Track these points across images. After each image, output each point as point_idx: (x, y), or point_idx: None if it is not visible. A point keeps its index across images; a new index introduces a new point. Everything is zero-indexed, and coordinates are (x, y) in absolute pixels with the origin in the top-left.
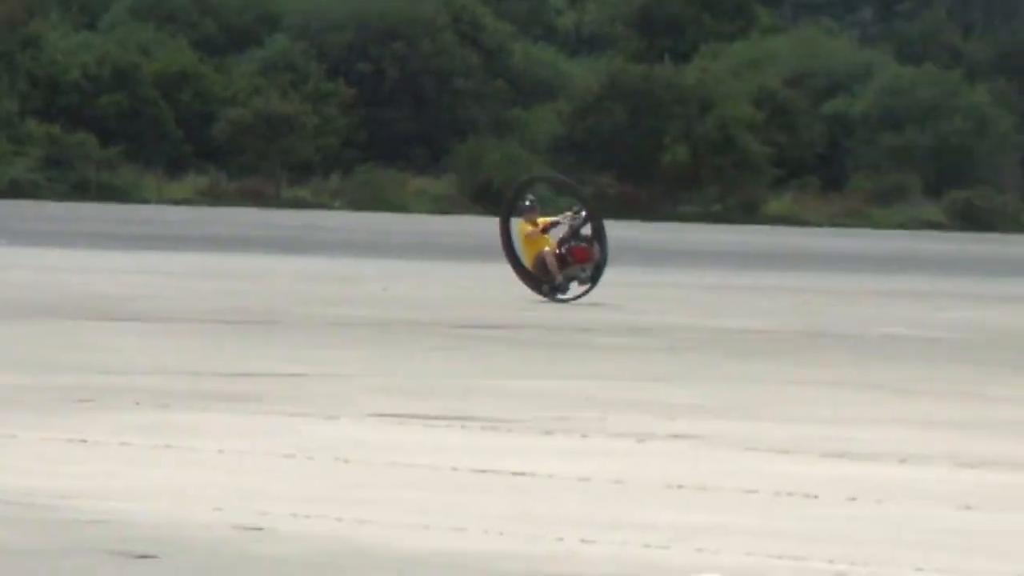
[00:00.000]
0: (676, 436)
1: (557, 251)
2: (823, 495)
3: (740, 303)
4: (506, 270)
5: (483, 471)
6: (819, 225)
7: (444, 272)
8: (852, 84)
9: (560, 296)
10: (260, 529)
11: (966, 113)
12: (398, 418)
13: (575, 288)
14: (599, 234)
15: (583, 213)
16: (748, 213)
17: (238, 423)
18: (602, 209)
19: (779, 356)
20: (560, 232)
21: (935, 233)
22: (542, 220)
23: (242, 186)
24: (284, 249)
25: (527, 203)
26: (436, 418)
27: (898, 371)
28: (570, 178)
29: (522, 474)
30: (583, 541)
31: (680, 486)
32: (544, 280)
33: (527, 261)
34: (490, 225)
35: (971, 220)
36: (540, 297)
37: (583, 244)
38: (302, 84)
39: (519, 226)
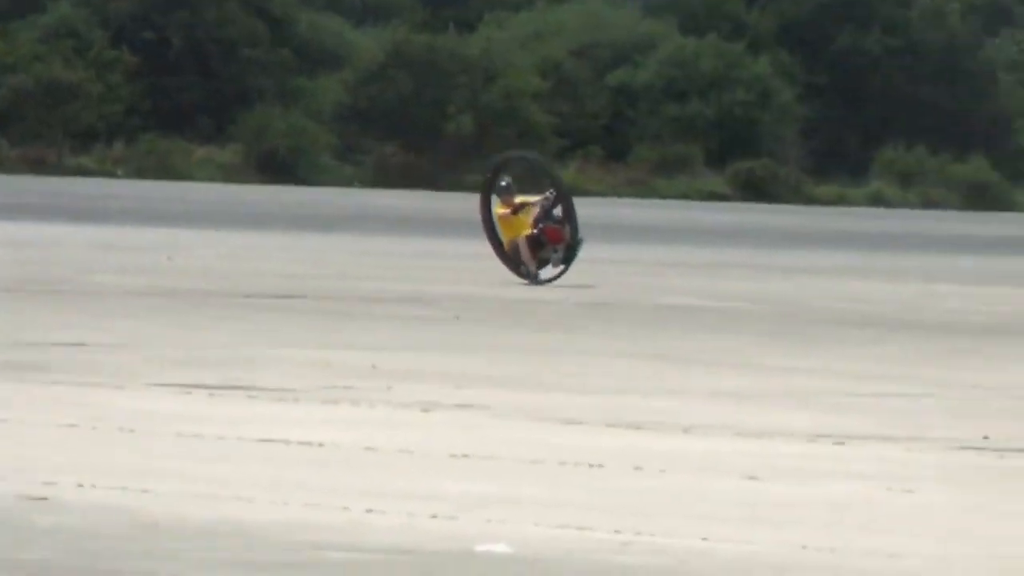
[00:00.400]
0: (462, 406)
1: (532, 231)
2: (608, 465)
3: None
4: (301, 240)
5: (269, 440)
6: (602, 195)
7: (229, 241)
8: (635, 55)
9: (539, 280)
10: (45, 499)
11: (748, 85)
12: (183, 388)
13: (549, 270)
14: (569, 215)
15: (553, 194)
16: None
17: (22, 392)
18: (387, 178)
19: (564, 326)
20: (533, 213)
21: (718, 204)
22: (518, 200)
23: (23, 153)
24: (67, 217)
25: (503, 184)
26: (221, 388)
27: (681, 341)
28: (545, 158)
29: (308, 444)
30: (369, 511)
31: (466, 456)
32: (519, 264)
33: (504, 243)
34: (274, 194)
35: (754, 191)
36: (520, 279)
37: (555, 225)
38: (85, 51)
39: (496, 207)
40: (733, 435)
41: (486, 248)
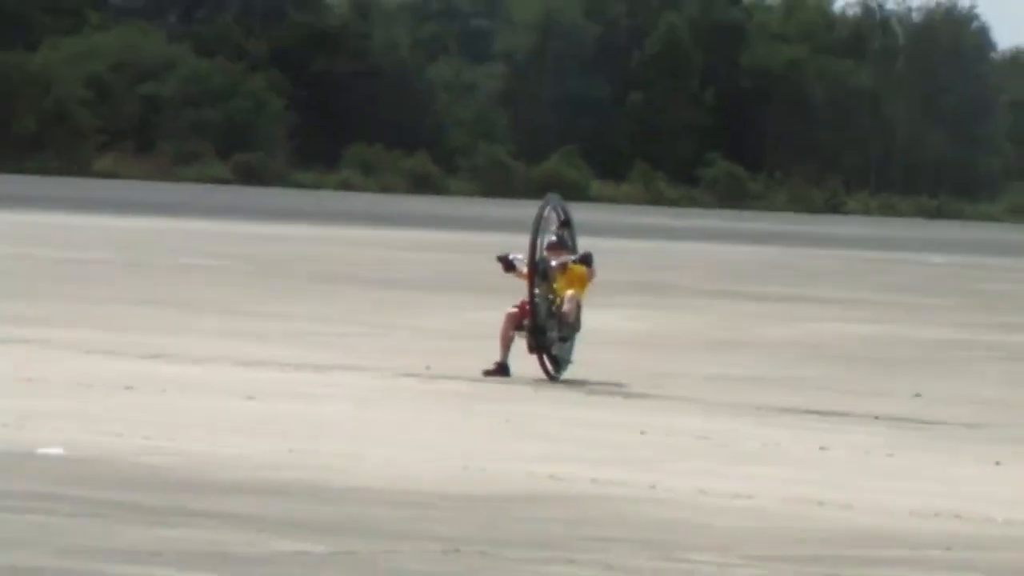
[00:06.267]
0: (26, 341)
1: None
2: (139, 387)
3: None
4: None
5: None
6: (137, 179)
7: None
8: (161, 72)
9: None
10: None
11: (247, 95)
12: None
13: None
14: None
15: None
16: (82, 169)
17: None
18: None
19: (108, 281)
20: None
21: (223, 187)
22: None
23: None
24: None
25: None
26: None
27: (197, 292)
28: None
29: None
30: None
31: (29, 380)
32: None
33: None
34: None
35: (252, 177)
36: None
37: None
38: None
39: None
40: (232, 364)
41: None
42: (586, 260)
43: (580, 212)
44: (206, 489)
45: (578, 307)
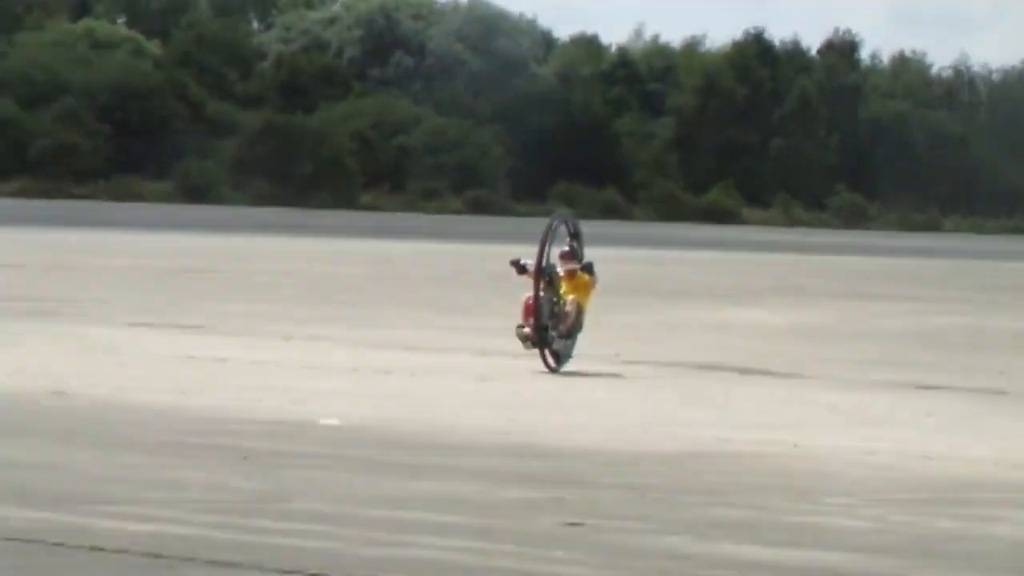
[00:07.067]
0: (311, 337)
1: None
2: (397, 371)
3: None
4: None
5: (193, 357)
6: (391, 211)
7: None
8: (409, 127)
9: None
10: (59, 392)
11: (476, 145)
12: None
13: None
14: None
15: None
16: (349, 204)
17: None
18: None
19: (369, 289)
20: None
21: (458, 216)
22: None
23: None
24: None
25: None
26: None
27: None
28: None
29: (219, 359)
30: (258, 400)
31: (314, 367)
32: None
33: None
34: None
35: (479, 208)
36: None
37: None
38: None
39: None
40: (469, 354)
41: None
42: (588, 269)
43: (734, 232)
44: (448, 450)
45: (579, 310)
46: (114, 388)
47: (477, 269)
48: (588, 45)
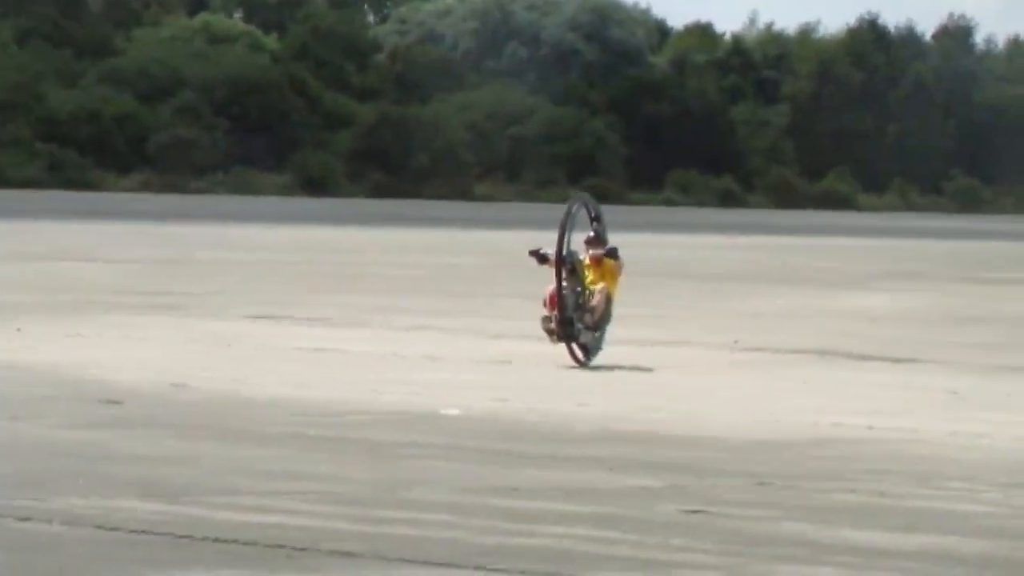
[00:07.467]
0: (424, 327)
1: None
2: (516, 362)
3: None
4: None
5: (318, 349)
6: (506, 201)
7: None
8: (524, 118)
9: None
10: (180, 385)
11: (591, 134)
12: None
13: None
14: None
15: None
16: (464, 195)
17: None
18: None
19: (488, 281)
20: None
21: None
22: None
23: None
24: None
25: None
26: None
27: None
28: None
29: (342, 351)
30: (374, 391)
31: (432, 358)
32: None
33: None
34: None
35: (595, 198)
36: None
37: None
38: None
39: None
40: None
41: None
42: (612, 254)
43: (850, 218)
44: (571, 439)
45: (608, 300)
46: (234, 380)
47: None
48: (702, 33)
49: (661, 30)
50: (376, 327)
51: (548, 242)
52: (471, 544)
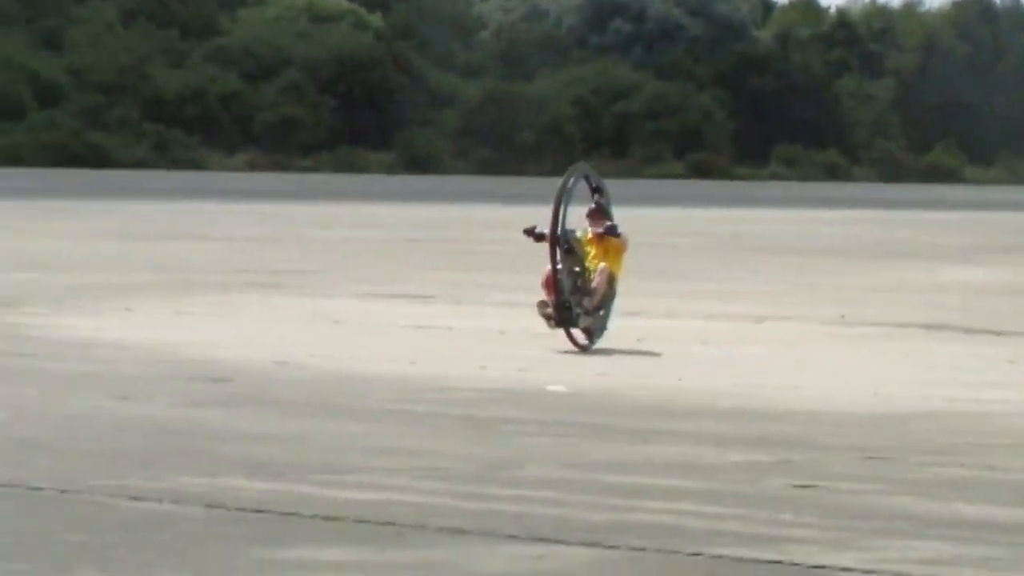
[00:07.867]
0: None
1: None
2: (622, 340)
3: None
4: None
5: (419, 327)
6: (612, 177)
7: None
8: (629, 93)
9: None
10: (286, 363)
11: (697, 109)
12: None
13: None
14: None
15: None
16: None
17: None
18: None
19: None
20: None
21: (679, 180)
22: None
23: None
24: None
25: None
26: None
27: None
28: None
29: (445, 328)
30: (483, 367)
31: (536, 335)
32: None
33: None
34: None
35: (701, 172)
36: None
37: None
38: None
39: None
40: (696, 318)
41: None
42: (611, 231)
43: (957, 192)
44: (674, 415)
45: (610, 280)
46: (340, 358)
47: (702, 232)
48: (807, 8)
49: (765, 4)
50: (481, 303)
51: (656, 218)
52: (579, 520)
